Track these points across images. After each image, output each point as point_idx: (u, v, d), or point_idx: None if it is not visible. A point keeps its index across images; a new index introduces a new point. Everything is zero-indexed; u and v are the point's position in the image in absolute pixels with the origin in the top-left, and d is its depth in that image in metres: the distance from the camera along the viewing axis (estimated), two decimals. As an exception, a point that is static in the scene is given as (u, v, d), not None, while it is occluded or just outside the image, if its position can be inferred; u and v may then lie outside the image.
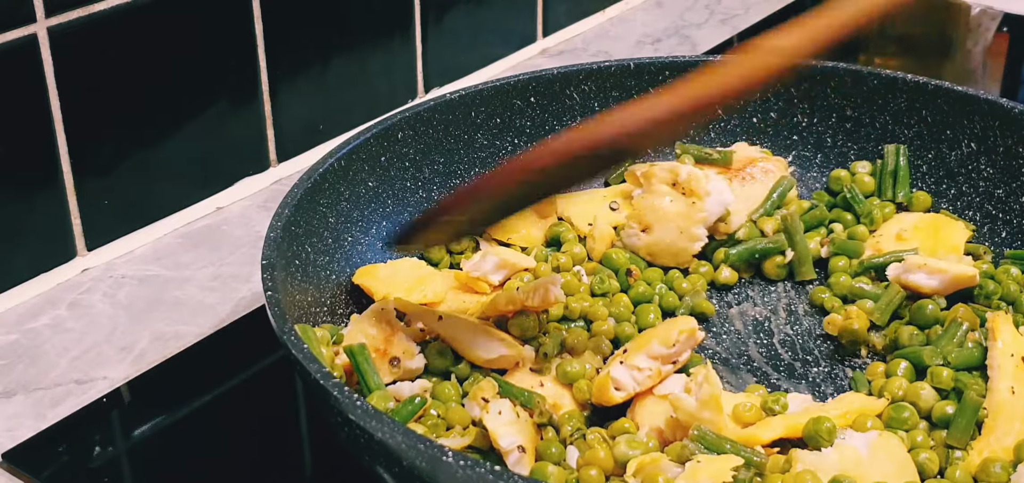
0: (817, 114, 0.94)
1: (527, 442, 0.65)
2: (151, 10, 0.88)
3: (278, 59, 0.98)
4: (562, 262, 0.83)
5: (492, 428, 0.65)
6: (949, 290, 0.78)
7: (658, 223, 0.83)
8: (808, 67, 0.90)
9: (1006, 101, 0.86)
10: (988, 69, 1.33)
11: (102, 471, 0.71)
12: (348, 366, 0.70)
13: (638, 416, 0.70)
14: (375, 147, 0.84)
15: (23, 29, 0.81)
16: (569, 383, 0.71)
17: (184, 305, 0.86)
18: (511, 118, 0.92)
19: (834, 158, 0.93)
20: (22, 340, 0.82)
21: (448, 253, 0.85)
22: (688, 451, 0.63)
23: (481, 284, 0.80)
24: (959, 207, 0.89)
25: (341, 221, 0.81)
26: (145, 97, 0.90)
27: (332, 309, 0.77)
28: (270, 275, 0.68)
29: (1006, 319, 0.72)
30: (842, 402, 0.70)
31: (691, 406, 0.65)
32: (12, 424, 0.74)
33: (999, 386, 0.68)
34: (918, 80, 0.90)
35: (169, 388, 0.78)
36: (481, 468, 0.54)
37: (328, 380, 0.59)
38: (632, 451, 0.65)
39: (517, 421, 0.66)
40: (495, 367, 0.72)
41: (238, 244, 0.93)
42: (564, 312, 0.78)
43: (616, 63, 0.94)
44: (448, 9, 1.13)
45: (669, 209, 0.83)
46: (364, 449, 0.59)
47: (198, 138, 0.94)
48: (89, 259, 0.89)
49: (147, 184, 0.92)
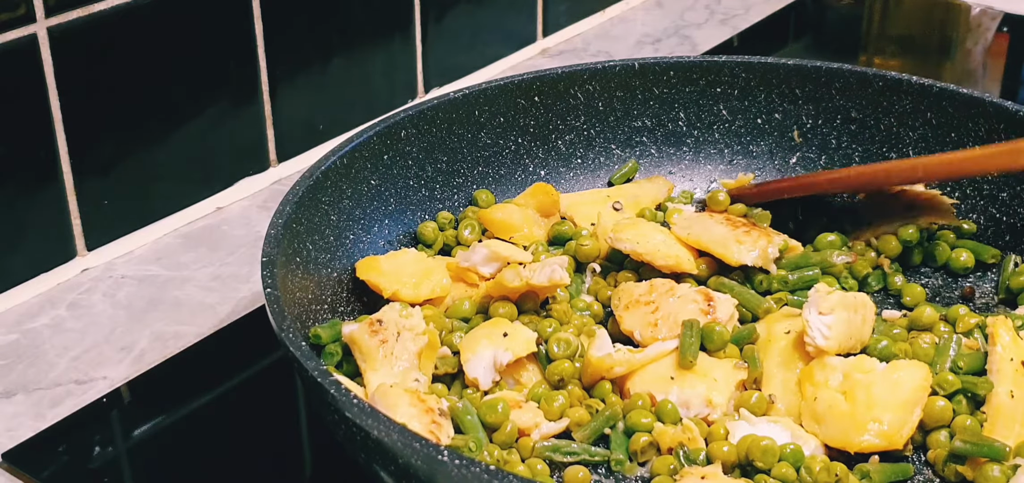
0: (821, 116, 0.94)
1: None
2: (151, 10, 0.87)
3: (278, 59, 0.98)
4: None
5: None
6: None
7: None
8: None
9: (1011, 104, 0.86)
10: (988, 69, 1.33)
11: (102, 471, 0.70)
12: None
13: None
14: (378, 145, 0.84)
15: (23, 29, 0.80)
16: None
17: (184, 305, 0.86)
18: (515, 117, 0.91)
19: (838, 160, 0.93)
20: (22, 340, 0.81)
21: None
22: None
23: (471, 275, 0.80)
24: (964, 209, 0.89)
25: (343, 219, 0.80)
26: (145, 97, 0.89)
27: (333, 307, 0.77)
28: (270, 272, 0.67)
29: (1006, 323, 0.72)
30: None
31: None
32: (12, 424, 0.74)
33: (998, 390, 0.69)
34: (923, 82, 0.90)
35: (169, 388, 0.78)
36: (477, 467, 0.53)
37: (325, 377, 0.59)
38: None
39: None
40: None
41: (238, 244, 0.93)
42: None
43: (620, 63, 0.94)
44: (448, 9, 1.13)
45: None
46: (361, 447, 0.59)
47: (198, 138, 0.94)
48: (89, 259, 0.89)
49: (147, 184, 0.91)
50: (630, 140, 0.95)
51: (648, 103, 0.95)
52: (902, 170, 0.83)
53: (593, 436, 0.69)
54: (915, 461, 0.68)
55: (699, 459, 0.66)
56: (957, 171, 0.82)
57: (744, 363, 0.72)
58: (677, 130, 0.96)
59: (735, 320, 0.76)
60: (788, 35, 1.43)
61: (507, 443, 0.67)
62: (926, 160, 0.82)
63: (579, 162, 0.94)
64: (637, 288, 0.78)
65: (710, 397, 0.70)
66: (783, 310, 0.77)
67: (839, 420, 0.67)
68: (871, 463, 0.66)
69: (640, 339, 0.75)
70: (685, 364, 0.71)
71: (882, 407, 0.66)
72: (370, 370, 0.70)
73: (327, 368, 0.61)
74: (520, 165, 0.92)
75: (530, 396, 0.71)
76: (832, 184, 0.86)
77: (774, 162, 0.95)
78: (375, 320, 0.72)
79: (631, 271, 0.81)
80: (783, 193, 0.88)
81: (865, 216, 0.88)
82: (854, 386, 0.68)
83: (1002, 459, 0.64)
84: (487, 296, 0.78)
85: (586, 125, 0.94)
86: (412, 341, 0.71)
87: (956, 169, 0.81)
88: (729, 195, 0.89)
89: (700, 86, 0.95)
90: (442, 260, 0.82)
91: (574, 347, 0.72)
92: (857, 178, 0.85)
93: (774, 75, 0.94)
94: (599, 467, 0.68)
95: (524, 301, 0.77)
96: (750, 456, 0.65)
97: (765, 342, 0.74)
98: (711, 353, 0.73)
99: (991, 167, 0.81)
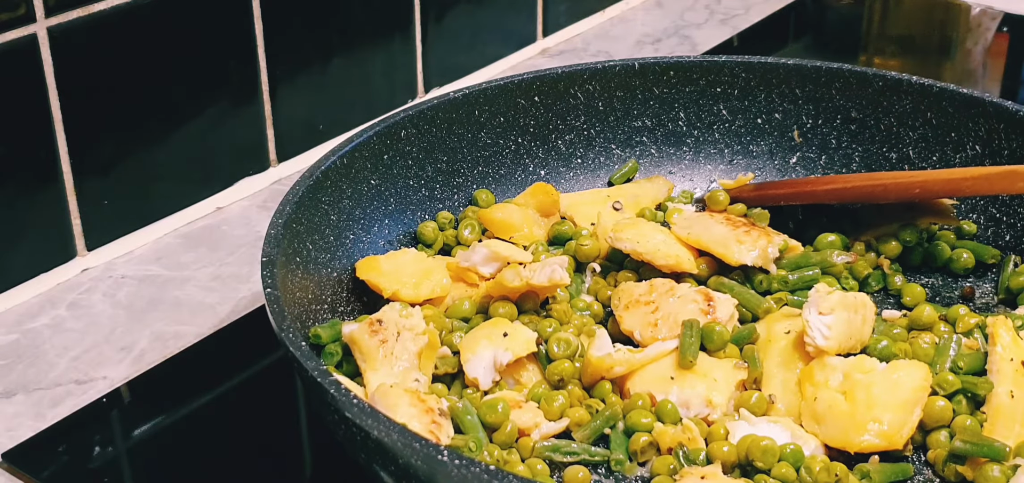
0: (821, 116, 0.94)
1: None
2: (151, 10, 0.87)
3: (278, 59, 0.98)
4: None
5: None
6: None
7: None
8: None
9: (1011, 104, 0.86)
10: (988, 69, 1.33)
11: (102, 471, 0.70)
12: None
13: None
14: (378, 145, 0.84)
15: (23, 29, 0.80)
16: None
17: (184, 305, 0.86)
18: (515, 117, 0.91)
19: (838, 159, 0.93)
20: (22, 340, 0.81)
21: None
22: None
23: (471, 275, 0.80)
24: (964, 209, 0.89)
25: (343, 219, 0.80)
26: (145, 97, 0.89)
27: (333, 307, 0.77)
28: (270, 272, 0.67)
29: (1006, 323, 0.72)
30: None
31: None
32: (12, 424, 0.74)
33: (998, 390, 0.69)
34: (923, 82, 0.90)
35: (169, 388, 0.78)
36: (477, 467, 0.53)
37: (325, 377, 0.59)
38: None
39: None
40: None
41: (238, 244, 0.93)
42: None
43: (620, 63, 0.94)
44: (448, 9, 1.13)
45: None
46: (361, 447, 0.59)
47: (198, 138, 0.94)
48: (89, 259, 0.89)
49: (147, 184, 0.91)
50: (630, 140, 0.95)
51: (648, 103, 0.95)
52: (900, 185, 0.83)
53: (593, 436, 0.69)
54: (915, 461, 0.68)
55: (699, 459, 0.66)
56: (955, 190, 0.82)
57: (744, 363, 0.72)
58: (677, 130, 0.96)
59: (735, 320, 0.76)
60: (788, 35, 1.43)
61: (507, 443, 0.67)
62: (924, 177, 0.82)
63: (579, 162, 0.94)
64: (637, 288, 0.78)
65: (710, 397, 0.70)
66: (783, 310, 0.77)
67: (839, 420, 0.67)
68: (871, 463, 0.66)
69: (640, 339, 0.75)
70: (685, 364, 0.71)
71: (882, 407, 0.66)
72: (370, 370, 0.70)
73: (327, 368, 0.61)
74: (520, 165, 0.92)
75: (530, 396, 0.71)
76: (829, 194, 0.86)
77: (774, 162, 0.95)
78: (375, 320, 0.72)
79: (631, 271, 0.81)
80: (780, 200, 0.88)
81: (865, 216, 0.88)
82: (854, 386, 0.68)
83: (1002, 459, 0.64)
84: (487, 296, 0.78)
85: (586, 125, 0.94)
86: (412, 341, 0.71)
87: (954, 187, 0.82)
88: (728, 195, 0.89)
89: (700, 86, 0.95)
90: (442, 260, 0.82)
91: (574, 347, 0.72)
92: (854, 190, 0.85)
93: (774, 75, 0.94)
94: (599, 467, 0.68)
95: (524, 301, 0.77)
96: (750, 456, 0.65)
97: (765, 342, 0.74)
98: (711, 353, 0.73)
99: (988, 189, 0.82)
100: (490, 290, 0.77)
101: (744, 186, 0.91)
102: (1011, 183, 0.77)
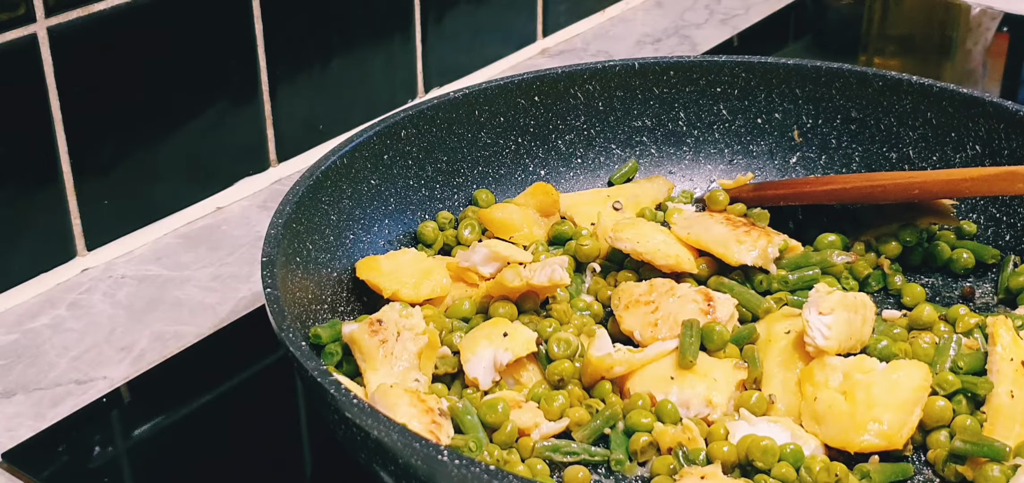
0: (821, 116, 0.94)
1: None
2: (151, 10, 0.87)
3: (278, 59, 0.98)
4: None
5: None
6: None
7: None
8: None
9: (1011, 104, 0.86)
10: (988, 69, 1.33)
11: (102, 471, 0.70)
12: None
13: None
14: (378, 145, 0.84)
15: (23, 29, 0.80)
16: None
17: (184, 305, 0.86)
18: (515, 117, 0.91)
19: (838, 159, 0.93)
20: (22, 340, 0.81)
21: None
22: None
23: (471, 275, 0.80)
24: (964, 209, 0.89)
25: (343, 219, 0.80)
26: (145, 97, 0.89)
27: (333, 307, 0.77)
28: (270, 272, 0.67)
29: (1006, 323, 0.72)
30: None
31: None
32: (12, 424, 0.74)
33: (998, 390, 0.69)
34: (923, 82, 0.90)
35: (169, 388, 0.78)
36: (477, 467, 0.53)
37: (325, 377, 0.59)
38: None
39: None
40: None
41: (238, 244, 0.93)
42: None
43: (620, 63, 0.94)
44: (448, 9, 1.13)
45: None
46: (361, 447, 0.59)
47: (198, 138, 0.94)
48: (89, 259, 0.89)
49: (147, 184, 0.91)
50: (630, 140, 0.95)
51: (648, 103, 0.95)
52: (899, 186, 0.83)
53: (593, 436, 0.69)
54: (915, 461, 0.68)
55: (699, 459, 0.66)
56: (954, 190, 0.82)
57: (744, 363, 0.72)
58: (677, 130, 0.96)
59: (735, 320, 0.76)
60: (788, 35, 1.43)
61: (507, 443, 0.67)
62: (924, 177, 0.82)
63: (579, 162, 0.94)
64: (637, 288, 0.78)
65: (710, 397, 0.70)
66: (783, 310, 0.77)
67: (839, 420, 0.67)
68: (871, 463, 0.66)
69: (640, 339, 0.75)
70: (685, 364, 0.71)
71: (882, 407, 0.66)
72: (370, 370, 0.70)
73: (327, 368, 0.61)
74: (520, 165, 0.92)
75: (530, 396, 0.71)
76: (829, 195, 0.86)
77: (774, 162, 0.95)
78: (375, 320, 0.72)
79: (631, 271, 0.81)
80: (780, 200, 0.88)
81: (865, 216, 0.88)
82: (854, 386, 0.68)
83: (1002, 459, 0.64)
84: (487, 296, 0.78)
85: (586, 125, 0.94)
86: (412, 341, 0.71)
87: (954, 188, 0.82)
88: (728, 195, 0.89)
89: (700, 86, 0.95)
90: (442, 260, 0.82)
91: (574, 347, 0.72)
92: (854, 190, 0.85)
93: (774, 75, 0.94)
94: (599, 467, 0.68)
95: (524, 301, 0.77)
96: (750, 456, 0.65)
97: (765, 342, 0.74)
98: (711, 353, 0.73)
99: (988, 190, 0.81)
100: (490, 290, 0.77)
101: (744, 186, 0.91)
102: (1011, 184, 0.77)
